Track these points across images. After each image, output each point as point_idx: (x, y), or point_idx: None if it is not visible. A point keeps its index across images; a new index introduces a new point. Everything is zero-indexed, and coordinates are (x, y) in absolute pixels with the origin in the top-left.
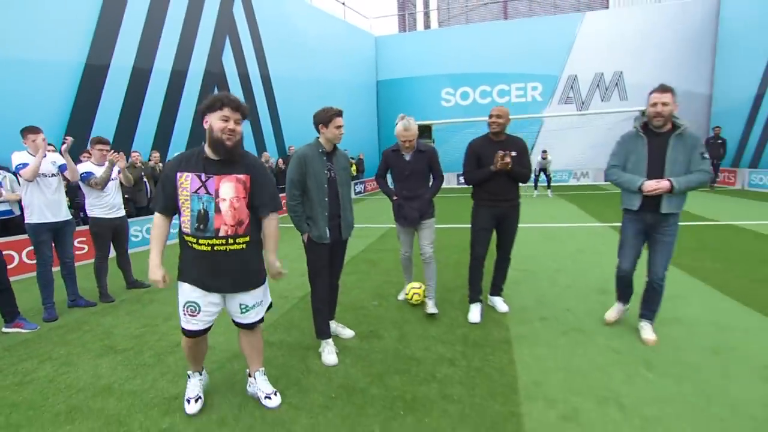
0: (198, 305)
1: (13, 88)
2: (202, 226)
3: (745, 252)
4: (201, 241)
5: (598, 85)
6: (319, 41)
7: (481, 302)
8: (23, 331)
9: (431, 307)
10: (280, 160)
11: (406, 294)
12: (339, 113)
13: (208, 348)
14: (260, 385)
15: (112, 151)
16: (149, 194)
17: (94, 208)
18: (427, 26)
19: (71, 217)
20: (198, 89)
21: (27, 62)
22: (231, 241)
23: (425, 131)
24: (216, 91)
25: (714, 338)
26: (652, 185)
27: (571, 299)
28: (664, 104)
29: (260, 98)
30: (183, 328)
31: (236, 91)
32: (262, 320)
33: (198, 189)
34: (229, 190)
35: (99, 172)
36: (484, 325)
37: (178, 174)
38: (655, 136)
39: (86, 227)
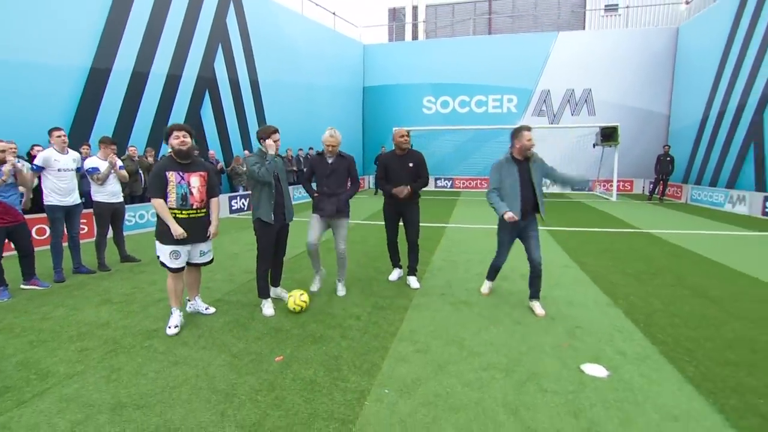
0: (179, 252)
1: (27, 89)
2: (183, 203)
3: (636, 253)
4: (183, 212)
5: (569, 100)
6: (309, 49)
7: (400, 267)
8: (38, 288)
9: (341, 291)
10: None
11: (291, 306)
12: (276, 130)
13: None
14: (200, 303)
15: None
16: (144, 184)
17: (98, 194)
18: (415, 37)
19: (80, 201)
20: (190, 92)
21: (40, 66)
22: (197, 211)
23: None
24: (207, 95)
25: (559, 310)
26: (510, 216)
27: (474, 282)
28: (531, 139)
29: (248, 101)
30: (170, 267)
31: (226, 94)
32: (212, 261)
33: (180, 181)
34: (196, 181)
35: (103, 166)
36: (394, 296)
37: (167, 173)
38: (519, 163)
39: (90, 210)
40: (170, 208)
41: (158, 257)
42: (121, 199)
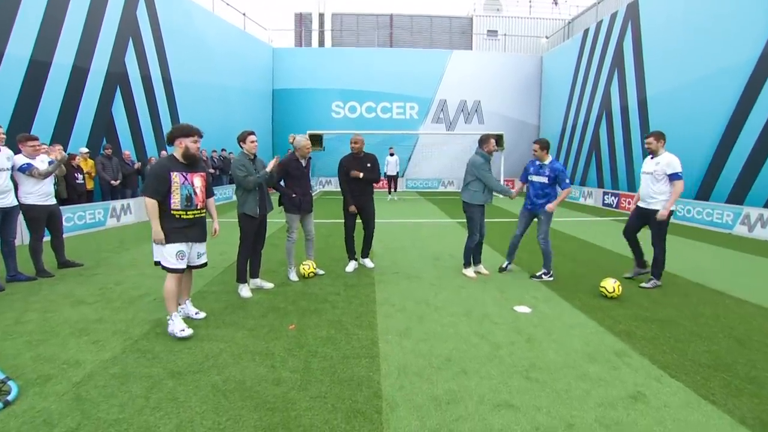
0: (184, 252)
1: None
2: (189, 203)
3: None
4: (189, 212)
5: (462, 109)
6: (220, 48)
7: (355, 260)
8: None
9: (319, 271)
10: None
11: (303, 273)
12: (252, 132)
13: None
14: (190, 308)
15: (59, 148)
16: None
17: (29, 196)
18: (321, 43)
19: (17, 203)
20: (100, 87)
21: None
22: (200, 212)
23: (317, 140)
24: (119, 91)
25: (489, 276)
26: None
27: (416, 262)
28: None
29: (161, 100)
30: (175, 269)
31: (138, 92)
32: (207, 264)
33: (184, 182)
34: (198, 182)
35: (35, 163)
36: (358, 277)
37: (171, 173)
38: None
39: None
40: (175, 210)
41: (156, 262)
42: (55, 201)
